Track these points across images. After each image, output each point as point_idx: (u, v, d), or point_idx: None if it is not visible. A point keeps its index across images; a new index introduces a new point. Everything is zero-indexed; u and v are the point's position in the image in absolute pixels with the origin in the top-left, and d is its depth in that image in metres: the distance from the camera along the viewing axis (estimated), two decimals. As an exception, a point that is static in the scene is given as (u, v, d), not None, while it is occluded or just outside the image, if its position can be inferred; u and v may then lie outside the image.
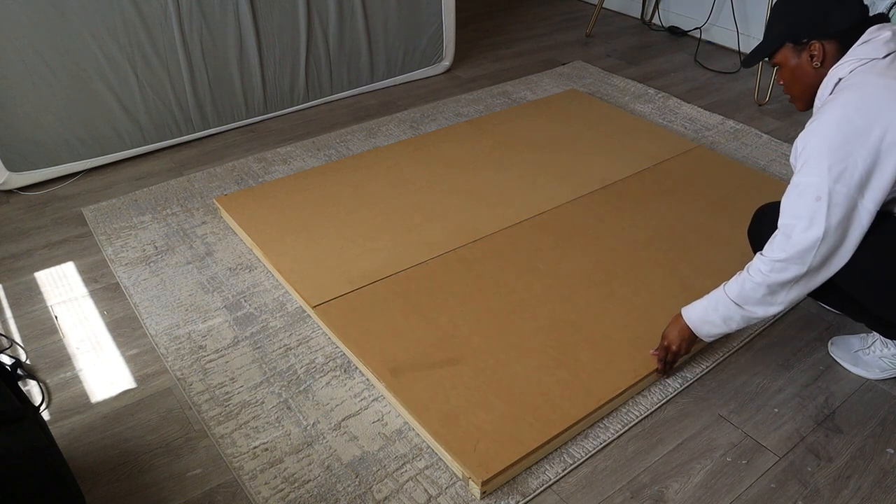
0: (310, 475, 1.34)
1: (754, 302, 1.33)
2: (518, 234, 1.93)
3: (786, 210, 1.27)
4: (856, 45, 1.29)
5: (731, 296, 1.35)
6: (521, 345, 1.57)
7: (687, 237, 1.92)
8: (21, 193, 2.19)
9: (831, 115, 1.23)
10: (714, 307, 1.39)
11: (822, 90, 1.33)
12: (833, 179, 1.20)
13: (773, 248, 1.29)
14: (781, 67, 1.39)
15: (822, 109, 1.27)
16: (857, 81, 1.25)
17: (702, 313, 1.42)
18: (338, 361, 1.58)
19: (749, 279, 1.32)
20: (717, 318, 1.39)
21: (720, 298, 1.38)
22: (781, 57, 1.37)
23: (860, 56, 1.27)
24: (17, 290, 1.81)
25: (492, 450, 1.32)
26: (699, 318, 1.42)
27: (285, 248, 1.86)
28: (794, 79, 1.37)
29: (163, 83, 2.29)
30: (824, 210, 1.21)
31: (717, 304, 1.38)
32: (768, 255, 1.29)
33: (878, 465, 1.38)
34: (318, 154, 2.41)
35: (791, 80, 1.38)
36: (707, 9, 3.41)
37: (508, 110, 2.63)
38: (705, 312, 1.41)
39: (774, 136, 2.55)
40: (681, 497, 1.32)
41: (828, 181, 1.20)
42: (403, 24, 2.79)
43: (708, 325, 1.41)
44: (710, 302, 1.40)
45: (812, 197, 1.22)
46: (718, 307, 1.38)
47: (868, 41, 1.28)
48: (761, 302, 1.32)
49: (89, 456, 1.38)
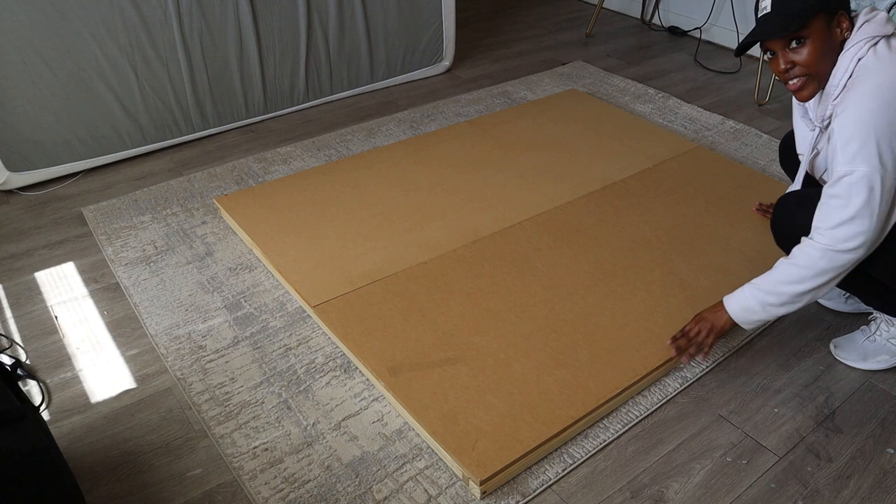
0: (310, 475, 1.34)
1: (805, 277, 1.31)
2: (517, 234, 1.93)
3: (837, 200, 1.25)
4: (861, 24, 1.27)
5: (774, 276, 1.36)
6: (521, 344, 1.57)
7: (686, 237, 1.92)
8: (21, 193, 2.19)
9: (872, 99, 1.20)
10: (752, 294, 1.39)
11: (838, 70, 1.28)
12: (883, 167, 1.19)
13: (832, 237, 1.27)
14: (808, 41, 1.28)
15: (855, 93, 1.23)
16: (885, 61, 1.22)
17: (741, 300, 1.42)
18: (338, 361, 1.58)
19: (803, 254, 1.30)
20: (756, 303, 1.39)
21: (760, 283, 1.38)
22: (814, 28, 1.27)
23: (871, 34, 1.25)
24: (17, 290, 1.81)
25: (491, 449, 1.32)
26: (739, 307, 1.42)
27: (285, 248, 1.86)
28: (823, 54, 1.28)
29: (163, 83, 2.30)
30: (878, 199, 1.21)
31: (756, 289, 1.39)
32: (824, 242, 1.28)
33: (879, 465, 1.38)
34: (318, 154, 2.41)
35: (819, 56, 1.28)
36: (707, 9, 3.41)
37: (508, 110, 2.63)
38: (744, 299, 1.41)
39: (774, 136, 2.55)
40: (681, 497, 1.32)
41: (879, 170, 1.20)
42: (403, 24, 2.79)
43: (747, 311, 1.41)
44: (750, 289, 1.40)
45: (865, 187, 1.21)
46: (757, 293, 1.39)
47: (869, 20, 1.27)
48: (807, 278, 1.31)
49: (89, 456, 1.38)
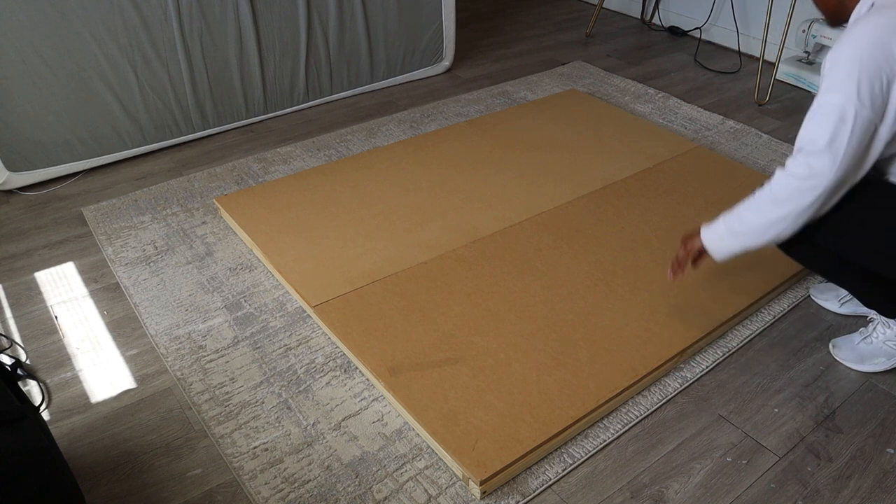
0: (310, 475, 1.34)
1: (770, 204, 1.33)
2: (517, 234, 1.93)
3: (808, 127, 1.26)
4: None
5: (744, 205, 1.38)
6: (521, 344, 1.57)
7: (687, 237, 1.92)
8: (21, 193, 2.19)
9: (864, 35, 1.22)
10: (723, 218, 1.42)
11: (858, 9, 1.31)
12: (860, 102, 1.19)
13: (795, 164, 1.28)
14: None
15: (854, 26, 1.26)
16: (883, 10, 1.24)
17: (713, 224, 1.45)
18: (338, 361, 1.58)
19: (769, 182, 1.32)
20: (724, 228, 1.42)
21: (733, 209, 1.40)
22: None
23: None
24: (17, 290, 1.81)
25: (490, 449, 1.32)
26: (710, 230, 1.46)
27: (285, 248, 1.86)
28: None
29: (163, 83, 2.30)
30: (847, 132, 1.20)
31: (728, 214, 1.42)
32: (789, 169, 1.29)
33: (879, 465, 1.38)
34: (318, 154, 2.41)
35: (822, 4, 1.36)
36: (707, 9, 3.41)
37: (508, 110, 2.63)
38: (715, 223, 1.45)
39: (774, 136, 2.55)
40: (681, 497, 1.32)
41: (855, 103, 1.19)
42: (403, 24, 2.79)
43: (716, 236, 1.44)
44: (723, 215, 1.43)
45: (836, 117, 1.21)
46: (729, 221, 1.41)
47: None
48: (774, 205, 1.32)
49: (89, 456, 1.38)
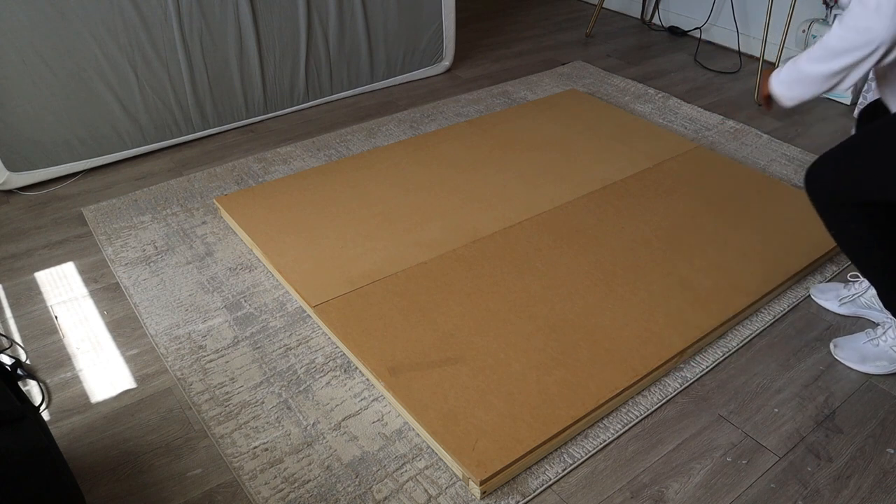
0: (310, 475, 1.34)
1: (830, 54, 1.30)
2: (517, 234, 1.93)
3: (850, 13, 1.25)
4: None
5: (805, 55, 1.35)
6: (520, 344, 1.57)
7: (686, 237, 1.92)
8: (21, 193, 2.19)
9: None
10: (790, 63, 1.40)
11: None
12: None
13: (850, 16, 1.26)
14: None
15: None
16: None
17: (782, 67, 1.43)
18: (338, 361, 1.58)
19: (827, 34, 1.30)
20: (786, 72, 1.40)
21: (795, 62, 1.39)
22: None
23: None
24: (17, 290, 1.81)
25: (490, 449, 1.32)
26: (777, 73, 1.43)
27: (285, 248, 1.86)
28: None
29: (163, 83, 2.30)
30: None
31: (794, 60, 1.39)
32: (846, 21, 1.26)
33: (879, 465, 1.38)
34: (318, 154, 2.41)
35: None
36: (707, 9, 3.41)
37: (508, 110, 2.63)
38: (784, 67, 1.42)
39: (774, 136, 2.55)
40: (681, 497, 1.32)
41: None
42: (403, 24, 2.79)
43: (782, 85, 1.41)
44: (792, 59, 1.42)
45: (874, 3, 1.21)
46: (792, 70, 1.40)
47: None
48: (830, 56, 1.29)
49: (89, 456, 1.38)
